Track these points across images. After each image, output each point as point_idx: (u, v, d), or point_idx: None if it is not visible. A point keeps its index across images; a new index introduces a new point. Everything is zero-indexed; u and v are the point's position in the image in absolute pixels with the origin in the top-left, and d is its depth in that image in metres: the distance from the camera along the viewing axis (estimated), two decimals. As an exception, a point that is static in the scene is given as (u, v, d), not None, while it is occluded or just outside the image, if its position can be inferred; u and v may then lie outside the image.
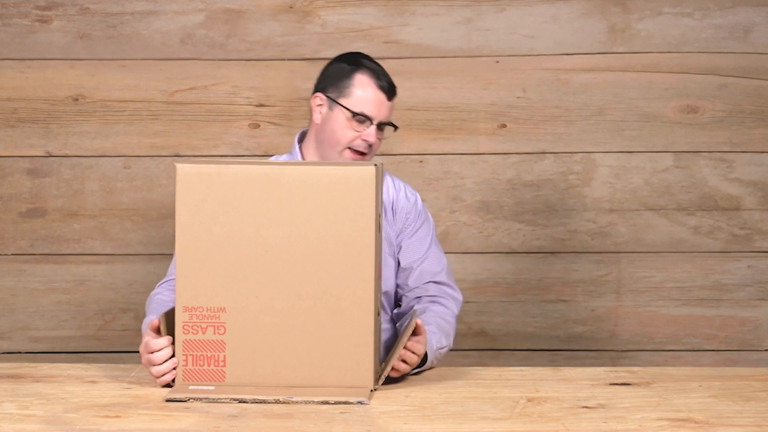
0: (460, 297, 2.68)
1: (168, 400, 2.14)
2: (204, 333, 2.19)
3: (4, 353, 3.47)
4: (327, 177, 2.17)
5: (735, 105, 3.43)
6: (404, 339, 2.27)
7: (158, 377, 2.22)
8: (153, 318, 2.27)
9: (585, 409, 2.09)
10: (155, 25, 3.42)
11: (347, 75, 2.62)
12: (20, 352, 3.48)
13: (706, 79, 3.43)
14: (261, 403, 2.12)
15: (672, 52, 3.43)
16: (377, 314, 2.22)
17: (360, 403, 2.12)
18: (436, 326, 2.48)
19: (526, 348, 3.49)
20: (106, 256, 3.47)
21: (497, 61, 3.43)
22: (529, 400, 2.15)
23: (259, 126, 3.43)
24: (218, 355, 2.19)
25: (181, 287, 2.19)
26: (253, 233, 2.17)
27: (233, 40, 3.42)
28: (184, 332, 2.19)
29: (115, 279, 3.47)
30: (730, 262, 3.46)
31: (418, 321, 2.28)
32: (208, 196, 2.18)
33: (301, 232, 2.17)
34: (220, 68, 3.42)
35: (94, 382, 2.28)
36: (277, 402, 2.12)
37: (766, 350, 3.49)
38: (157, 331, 2.24)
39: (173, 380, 2.22)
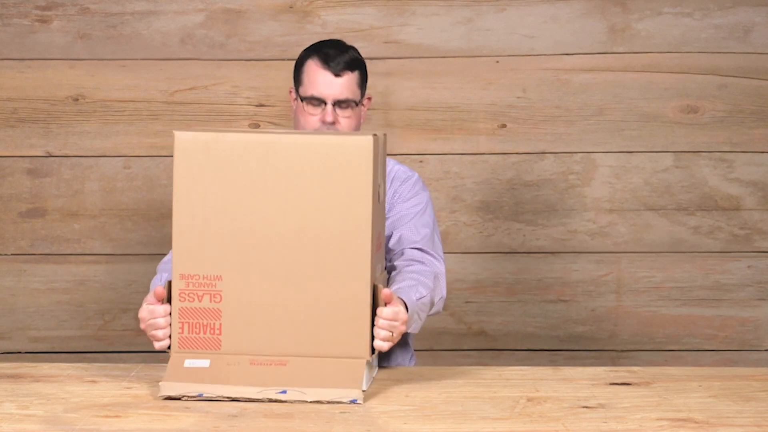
0: (441, 267, 2.62)
1: (166, 398, 2.14)
2: (200, 301, 2.19)
3: (4, 353, 3.47)
4: (325, 146, 2.17)
5: (735, 105, 3.43)
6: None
7: (159, 341, 2.23)
8: (159, 285, 2.26)
9: (585, 409, 2.09)
10: (155, 25, 3.42)
11: (300, 64, 2.68)
12: (20, 352, 3.48)
13: (706, 79, 3.43)
14: (253, 401, 2.12)
15: (672, 52, 3.43)
16: (377, 285, 2.21)
17: (353, 402, 2.12)
18: (410, 281, 2.46)
19: (526, 348, 3.49)
20: (106, 256, 3.47)
21: (497, 61, 3.43)
22: (529, 399, 2.15)
23: (259, 126, 3.43)
24: (214, 323, 2.19)
25: (178, 255, 2.19)
26: (249, 201, 2.17)
27: (233, 40, 3.42)
28: (180, 300, 2.19)
29: (115, 279, 3.47)
30: (730, 262, 3.46)
31: (385, 291, 2.25)
32: (205, 163, 2.17)
33: (299, 201, 2.17)
34: (220, 68, 3.42)
35: (94, 382, 2.28)
36: (269, 401, 2.12)
37: (766, 350, 3.49)
38: (162, 300, 2.24)
39: (169, 347, 2.22)
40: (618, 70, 3.43)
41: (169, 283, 2.23)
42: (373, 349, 2.22)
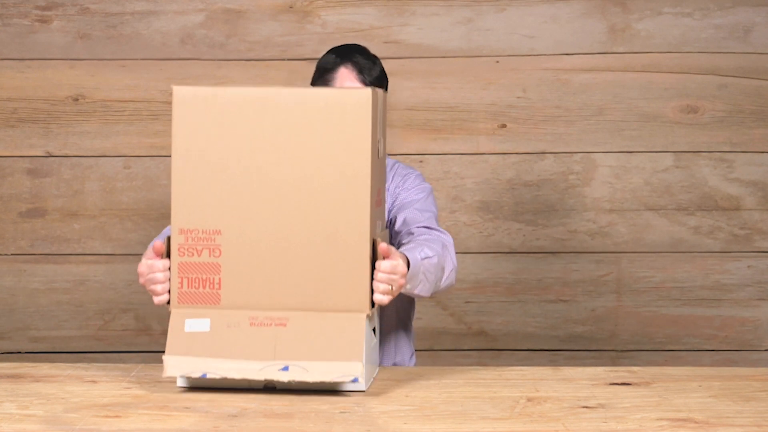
0: (449, 239, 2.60)
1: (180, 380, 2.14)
2: (199, 255, 2.19)
3: (4, 353, 3.47)
4: (323, 100, 2.17)
5: (735, 105, 3.43)
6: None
7: (158, 296, 2.23)
8: (158, 240, 2.26)
9: (585, 409, 2.09)
10: (155, 25, 3.42)
11: (330, 69, 2.62)
12: (20, 352, 3.48)
13: (706, 79, 3.43)
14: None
15: (672, 52, 3.43)
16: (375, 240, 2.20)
17: (354, 381, 2.11)
18: (414, 244, 2.44)
19: (526, 348, 3.49)
20: (106, 256, 3.47)
21: (497, 61, 3.43)
22: (529, 399, 2.15)
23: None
24: (213, 278, 2.19)
25: (177, 210, 2.19)
26: (249, 156, 2.17)
27: (233, 40, 3.42)
28: (179, 255, 2.19)
29: (115, 279, 3.47)
30: (730, 262, 3.46)
31: (382, 245, 2.24)
32: (204, 118, 2.17)
33: (298, 155, 2.16)
34: (220, 68, 3.42)
35: (94, 382, 2.28)
36: (270, 386, 2.12)
37: (766, 350, 3.49)
38: (161, 255, 2.24)
39: (168, 302, 2.23)
40: (618, 70, 3.43)
41: (168, 238, 2.22)
42: (373, 303, 2.21)
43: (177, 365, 2.17)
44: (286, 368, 2.14)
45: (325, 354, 2.15)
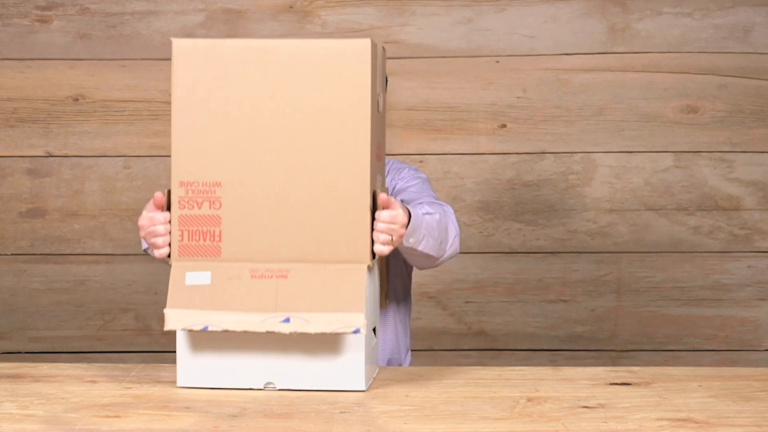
0: (450, 210, 2.61)
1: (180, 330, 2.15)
2: (200, 208, 2.18)
3: (4, 353, 3.47)
4: (323, 50, 2.16)
5: (735, 105, 3.43)
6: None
7: (159, 249, 2.22)
8: (158, 192, 2.25)
9: (585, 409, 2.09)
10: (155, 25, 3.42)
11: None
12: (20, 352, 3.48)
13: (706, 79, 3.43)
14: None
15: (672, 52, 3.43)
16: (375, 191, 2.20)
17: (356, 332, 2.11)
18: (415, 203, 2.45)
19: (526, 348, 3.49)
20: (106, 256, 3.47)
21: (497, 61, 3.43)
22: (529, 400, 2.15)
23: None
24: (214, 230, 2.18)
25: (177, 162, 2.18)
26: (249, 108, 2.17)
27: (233, 40, 3.42)
28: (179, 207, 2.19)
29: (115, 279, 3.47)
30: (730, 262, 3.46)
31: (382, 196, 2.23)
32: (204, 70, 2.17)
33: (297, 106, 2.16)
34: (220, 68, 3.42)
35: (94, 382, 2.29)
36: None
37: (766, 350, 3.49)
38: (161, 208, 2.24)
39: (169, 255, 2.22)
40: (618, 70, 3.43)
41: (169, 191, 2.22)
42: (374, 255, 2.21)
43: (178, 318, 2.17)
44: (287, 320, 2.13)
45: (327, 305, 2.14)
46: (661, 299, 3.47)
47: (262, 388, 2.20)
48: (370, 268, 2.20)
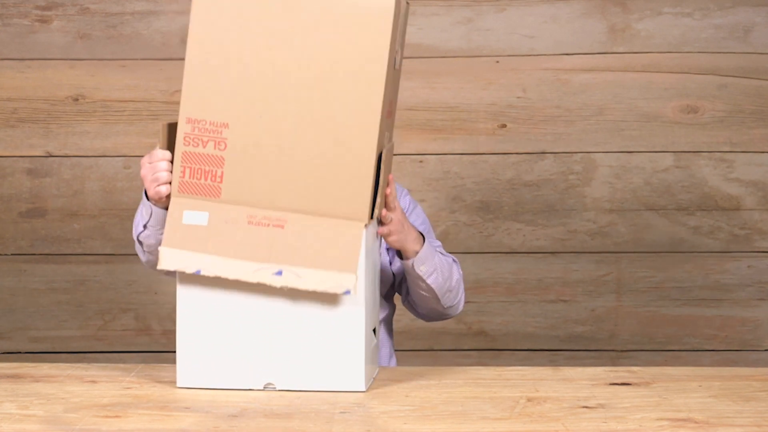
0: (458, 266, 2.63)
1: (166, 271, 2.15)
2: (204, 147, 2.17)
3: (4, 353, 3.47)
4: (345, 2, 2.13)
5: (735, 105, 3.43)
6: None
7: (156, 185, 2.21)
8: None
9: (585, 409, 2.09)
10: (155, 25, 3.42)
11: None
12: (20, 352, 3.48)
13: (706, 79, 3.43)
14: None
15: (672, 52, 3.43)
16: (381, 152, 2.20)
17: (346, 294, 2.12)
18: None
19: (526, 348, 3.49)
20: (106, 256, 3.47)
21: (497, 61, 3.43)
22: (529, 400, 2.15)
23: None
24: (216, 171, 2.17)
25: (186, 98, 2.16)
26: (264, 52, 2.14)
27: (233, 40, 3.42)
28: (184, 144, 2.17)
29: (115, 279, 3.47)
30: (730, 262, 3.46)
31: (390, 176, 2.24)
32: (223, 10, 2.15)
33: (313, 56, 2.14)
34: (220, 68, 3.42)
35: (94, 382, 2.29)
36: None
37: (766, 350, 3.49)
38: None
39: (168, 197, 2.20)
40: (618, 70, 3.43)
41: (168, 125, 2.21)
42: (371, 215, 2.20)
43: (172, 258, 2.16)
44: (279, 273, 2.12)
45: (321, 262, 2.13)
46: (661, 299, 3.47)
47: (261, 388, 2.20)
48: (366, 227, 2.18)
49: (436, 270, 2.43)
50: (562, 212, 3.46)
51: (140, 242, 2.44)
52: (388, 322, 2.70)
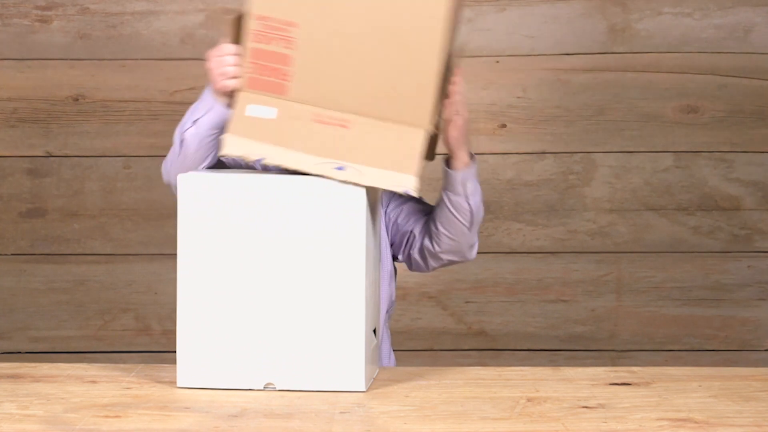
0: None
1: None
2: (273, 44, 2.18)
3: (4, 353, 3.47)
4: None
5: (735, 105, 3.43)
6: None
7: (224, 79, 2.23)
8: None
9: (585, 409, 2.09)
10: (155, 25, 3.42)
11: None
12: (20, 352, 3.48)
13: (706, 79, 3.43)
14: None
15: (672, 52, 3.43)
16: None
17: (406, 193, 2.14)
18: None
19: (526, 348, 3.49)
20: (106, 256, 3.47)
21: (497, 61, 3.43)
22: (529, 400, 2.15)
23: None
24: (284, 69, 2.18)
25: None
26: None
27: (233, 40, 3.42)
28: (254, 40, 2.18)
29: (115, 279, 3.47)
30: (730, 262, 3.46)
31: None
32: None
33: None
34: (220, 68, 3.42)
35: (94, 382, 2.28)
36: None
37: (766, 350, 3.49)
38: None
39: (232, 93, 2.22)
40: (618, 70, 3.43)
41: (236, 19, 2.22)
42: (432, 122, 2.21)
43: (236, 144, 2.18)
44: (341, 168, 2.14)
45: (382, 162, 2.15)
46: (661, 299, 3.47)
47: (262, 388, 2.20)
48: (427, 133, 2.19)
49: (477, 192, 2.43)
50: (562, 212, 3.46)
51: (180, 141, 2.42)
52: (386, 322, 2.70)
